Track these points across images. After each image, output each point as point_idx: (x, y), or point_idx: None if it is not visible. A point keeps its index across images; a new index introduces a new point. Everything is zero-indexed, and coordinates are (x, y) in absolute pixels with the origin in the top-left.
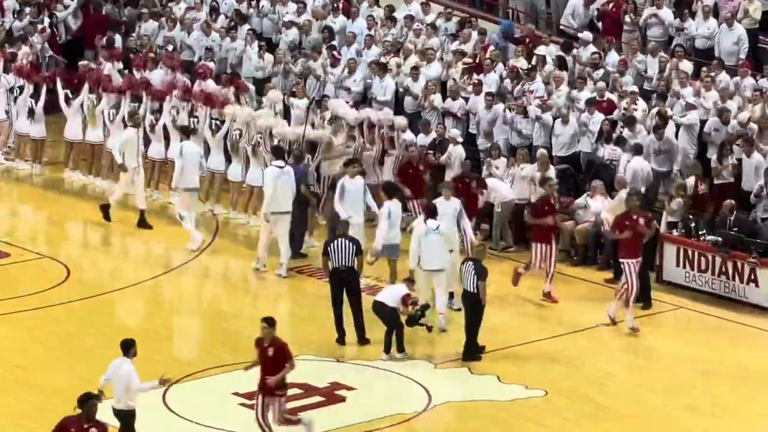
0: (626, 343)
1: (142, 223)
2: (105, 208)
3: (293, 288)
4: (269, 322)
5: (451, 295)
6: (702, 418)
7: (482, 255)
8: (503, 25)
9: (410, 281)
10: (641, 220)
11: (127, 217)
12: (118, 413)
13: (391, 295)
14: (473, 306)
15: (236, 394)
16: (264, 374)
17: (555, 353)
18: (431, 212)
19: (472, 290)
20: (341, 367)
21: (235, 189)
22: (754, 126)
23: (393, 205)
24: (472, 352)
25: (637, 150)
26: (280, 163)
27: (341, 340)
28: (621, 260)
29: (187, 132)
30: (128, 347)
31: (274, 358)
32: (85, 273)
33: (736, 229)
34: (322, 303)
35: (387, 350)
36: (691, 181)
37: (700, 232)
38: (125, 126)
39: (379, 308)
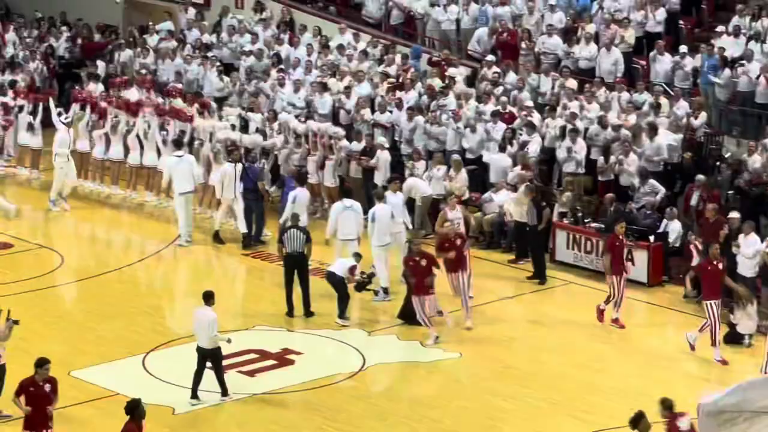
0: (525, 313)
1: (217, 238)
2: (216, 236)
3: (251, 270)
4: (41, 363)
5: (386, 291)
6: (586, 373)
7: (418, 237)
8: (413, 49)
9: (358, 255)
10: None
11: (109, 215)
12: (205, 351)
13: (341, 266)
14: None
15: None
16: (40, 413)
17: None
18: (347, 193)
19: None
20: (291, 336)
21: (199, 189)
22: (626, 132)
23: (300, 192)
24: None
25: (501, 147)
26: (180, 152)
27: (290, 313)
28: (704, 301)
29: None
30: (209, 297)
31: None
32: (76, 260)
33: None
34: (275, 282)
35: (341, 315)
36: (517, 168)
37: (586, 220)
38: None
39: (331, 277)
